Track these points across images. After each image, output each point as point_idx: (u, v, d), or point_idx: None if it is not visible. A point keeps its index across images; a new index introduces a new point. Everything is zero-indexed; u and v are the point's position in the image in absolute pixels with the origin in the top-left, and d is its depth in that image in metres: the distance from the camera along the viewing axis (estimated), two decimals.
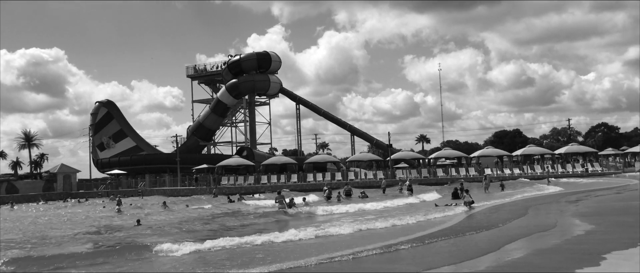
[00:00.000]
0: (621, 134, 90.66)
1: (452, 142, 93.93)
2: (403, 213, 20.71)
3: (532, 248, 10.85)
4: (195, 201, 36.63)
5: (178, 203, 35.53)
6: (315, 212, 23.45)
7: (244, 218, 22.16)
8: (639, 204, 17.15)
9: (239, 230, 17.44)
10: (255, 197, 38.09)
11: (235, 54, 68.76)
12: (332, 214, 22.30)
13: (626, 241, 10.21)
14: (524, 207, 20.85)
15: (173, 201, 36.73)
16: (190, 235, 16.10)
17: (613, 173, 46.25)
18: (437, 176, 48.39)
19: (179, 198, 41.87)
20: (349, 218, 19.78)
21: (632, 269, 7.93)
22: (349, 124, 70.47)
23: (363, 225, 16.37)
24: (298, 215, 22.74)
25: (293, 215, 22.94)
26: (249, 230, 17.47)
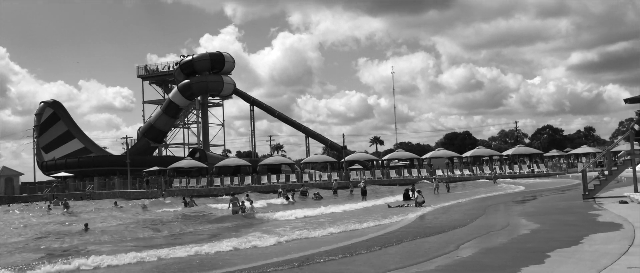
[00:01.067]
0: (565, 136, 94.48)
1: (405, 144, 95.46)
2: (357, 217, 20.83)
3: (480, 247, 11.08)
4: (158, 204, 35.46)
5: (135, 206, 34.58)
6: (271, 217, 22.98)
7: (198, 222, 21.51)
8: (580, 203, 17.82)
9: (190, 236, 16.91)
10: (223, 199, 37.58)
11: (187, 55, 67.71)
12: (287, 219, 21.12)
13: (569, 239, 10.56)
14: (473, 207, 21.35)
15: (134, 204, 35.70)
16: (136, 243, 15.43)
17: (557, 174, 48.11)
18: (390, 178, 49.07)
19: (136, 201, 40.67)
20: (301, 222, 19.56)
21: (574, 266, 8.20)
22: (303, 126, 70.56)
23: (317, 231, 15.96)
24: (261, 219, 22.10)
25: (249, 217, 22.59)
26: (192, 237, 16.60)
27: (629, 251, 8.78)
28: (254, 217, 22.34)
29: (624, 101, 20.98)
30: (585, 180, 19.38)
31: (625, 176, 23.32)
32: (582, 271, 7.77)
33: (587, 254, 8.99)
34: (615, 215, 13.75)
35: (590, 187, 19.08)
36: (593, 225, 12.43)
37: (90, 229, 20.16)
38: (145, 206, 33.25)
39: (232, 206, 23.51)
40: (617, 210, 14.67)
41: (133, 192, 49.52)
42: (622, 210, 14.57)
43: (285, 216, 21.73)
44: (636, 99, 20.65)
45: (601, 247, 9.50)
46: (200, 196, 40.87)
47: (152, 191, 47.65)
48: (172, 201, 36.75)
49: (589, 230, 11.58)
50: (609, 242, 9.86)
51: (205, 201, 34.51)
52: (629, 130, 19.47)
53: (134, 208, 32.82)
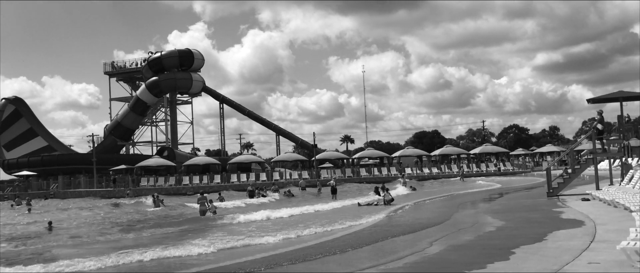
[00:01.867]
0: (530, 136, 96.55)
1: (375, 142, 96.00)
2: (326, 217, 20.87)
3: (448, 244, 11.22)
4: (136, 205, 34.46)
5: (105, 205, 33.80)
6: (235, 219, 22.33)
7: (149, 226, 20.14)
8: (545, 201, 18.23)
9: (128, 241, 15.55)
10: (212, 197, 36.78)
11: (155, 51, 66.65)
12: (252, 220, 19.79)
13: (533, 236, 10.78)
14: (440, 205, 21.65)
15: (115, 203, 34.80)
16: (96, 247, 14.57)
17: (523, 172, 49.17)
18: (360, 176, 49.32)
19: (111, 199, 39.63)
20: (271, 223, 19.03)
21: (537, 262, 8.37)
22: (274, 124, 70.29)
23: (291, 232, 15.13)
24: (227, 221, 21.39)
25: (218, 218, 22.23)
26: (127, 242, 15.30)
27: (590, 247, 9.02)
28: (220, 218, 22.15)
29: (586, 101, 21.56)
30: (550, 178, 19.86)
31: (587, 174, 24.00)
32: (546, 267, 7.93)
33: (550, 250, 9.20)
34: (577, 212, 14.11)
35: (554, 185, 19.56)
36: (557, 222, 12.74)
37: (55, 228, 19.64)
38: (117, 205, 32.72)
39: (200, 206, 23.11)
40: (580, 207, 15.06)
41: (99, 191, 48.52)
42: (585, 207, 14.97)
43: (250, 218, 19.93)
44: (598, 99, 21.24)
45: (564, 243, 9.72)
46: (169, 195, 40.32)
47: (119, 190, 46.77)
48: (136, 201, 35.94)
49: (552, 226, 11.85)
50: (571, 239, 10.10)
51: (184, 200, 33.63)
52: (592, 130, 20.00)
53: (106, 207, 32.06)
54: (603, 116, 19.64)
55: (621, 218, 11.64)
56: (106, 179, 51.53)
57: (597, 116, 19.88)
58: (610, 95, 20.74)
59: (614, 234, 9.73)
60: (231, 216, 20.60)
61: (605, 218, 12.17)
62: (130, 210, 29.33)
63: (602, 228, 10.90)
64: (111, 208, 31.03)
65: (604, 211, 13.61)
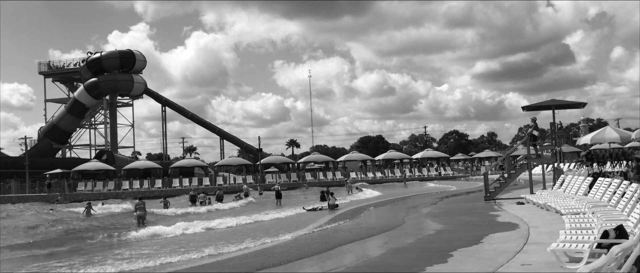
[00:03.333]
0: (470, 141, 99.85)
1: (320, 147, 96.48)
2: (263, 229, 20.72)
3: (389, 247, 11.36)
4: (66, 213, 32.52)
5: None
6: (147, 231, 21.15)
7: (72, 238, 18.21)
8: (482, 205, 18.83)
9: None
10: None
11: (95, 52, 64.40)
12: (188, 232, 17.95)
13: (470, 239, 11.08)
14: (383, 209, 21.94)
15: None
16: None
17: (462, 177, 50.69)
18: (306, 180, 49.40)
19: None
20: (199, 237, 16.99)
21: (474, 264, 8.60)
22: (218, 127, 69.37)
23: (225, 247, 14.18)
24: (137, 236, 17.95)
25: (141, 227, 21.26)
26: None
27: (524, 249, 9.36)
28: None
29: (521, 109, 22.48)
30: (487, 182, 20.53)
31: (522, 178, 25.00)
32: (481, 269, 8.16)
33: (486, 253, 9.47)
34: (513, 215, 14.64)
35: (491, 189, 20.23)
36: (493, 225, 13.15)
37: None
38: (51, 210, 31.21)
39: (138, 212, 22.25)
40: (515, 210, 15.63)
41: (32, 196, 46.23)
42: (519, 210, 15.55)
43: (170, 232, 17.48)
44: (532, 106, 22.17)
45: (499, 245, 10.04)
46: (107, 199, 38.92)
47: (54, 195, 44.75)
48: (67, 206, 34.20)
49: (489, 230, 12.22)
50: (506, 241, 10.45)
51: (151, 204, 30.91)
52: (526, 136, 20.85)
53: (31, 214, 30.44)
54: (537, 123, 20.52)
55: (553, 221, 12.15)
56: (40, 184, 49.16)
57: (531, 123, 20.74)
58: (543, 103, 21.68)
59: (546, 236, 10.13)
60: (153, 231, 17.78)
61: (538, 221, 12.68)
62: (54, 217, 27.58)
63: (535, 230, 11.34)
64: (33, 214, 29.52)
65: (537, 214, 14.17)
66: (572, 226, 9.06)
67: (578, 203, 12.57)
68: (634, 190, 9.89)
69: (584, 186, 14.60)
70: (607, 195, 12.12)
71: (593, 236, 7.69)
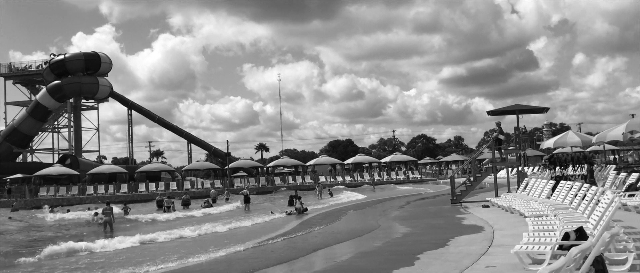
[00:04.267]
0: (437, 145, 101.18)
1: (290, 151, 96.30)
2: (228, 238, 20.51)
3: (357, 251, 11.40)
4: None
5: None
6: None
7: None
8: (449, 208, 19.07)
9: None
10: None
11: (58, 53, 62.79)
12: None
13: (437, 241, 11.21)
14: (352, 213, 22.00)
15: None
16: None
17: (430, 180, 51.31)
18: (274, 185, 49.19)
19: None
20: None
21: (440, 266, 8.70)
22: (185, 131, 68.45)
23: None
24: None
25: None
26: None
27: (488, 251, 9.50)
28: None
29: (487, 113, 22.86)
30: (453, 185, 20.83)
31: (488, 182, 25.44)
32: (447, 271, 8.25)
33: (452, 255, 9.59)
34: (478, 218, 14.87)
35: (457, 192, 20.53)
36: (459, 228, 13.32)
37: None
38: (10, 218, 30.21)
39: (104, 217, 21.78)
40: (480, 213, 15.89)
41: None
42: (484, 213, 15.81)
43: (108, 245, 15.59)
44: (497, 111, 22.61)
45: (465, 248, 10.18)
46: (71, 205, 37.92)
47: (15, 200, 43.39)
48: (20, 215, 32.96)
49: (455, 232, 12.38)
50: (471, 244, 10.60)
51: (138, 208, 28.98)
52: (491, 140, 21.24)
53: None
54: (501, 128, 20.92)
55: (516, 224, 12.38)
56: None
57: (496, 128, 21.15)
58: (507, 108, 22.13)
59: (510, 238, 10.31)
60: (83, 245, 15.69)
61: (503, 224, 12.91)
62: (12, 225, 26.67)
63: (500, 233, 11.54)
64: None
65: (501, 217, 14.43)
66: (535, 229, 9.24)
67: (541, 206, 12.84)
68: (593, 193, 10.16)
69: (547, 189, 14.93)
70: (568, 198, 12.43)
71: (555, 238, 7.86)
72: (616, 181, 18.12)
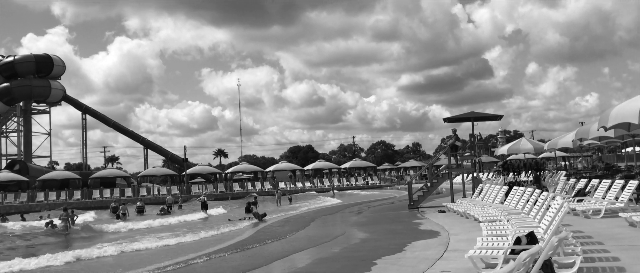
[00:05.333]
0: (396, 151, 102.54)
1: (249, 156, 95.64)
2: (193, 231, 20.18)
3: (315, 257, 11.36)
4: None
5: None
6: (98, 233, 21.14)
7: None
8: (406, 213, 19.28)
9: None
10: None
11: (7, 55, 60.55)
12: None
13: (394, 246, 11.29)
14: (311, 219, 21.96)
15: None
16: None
17: (388, 186, 51.85)
18: (233, 191, 48.66)
19: None
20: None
21: (397, 272, 8.76)
22: (142, 136, 67.14)
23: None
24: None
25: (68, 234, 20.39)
26: None
27: (444, 256, 9.63)
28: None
29: (443, 120, 23.28)
30: (411, 191, 21.07)
31: (445, 187, 25.88)
32: None
33: (408, 260, 9.68)
34: (434, 223, 15.07)
35: (415, 198, 20.78)
36: (415, 233, 13.47)
37: None
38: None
39: (61, 222, 21.43)
40: (437, 219, 16.11)
41: None
42: (441, 218, 16.05)
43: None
44: (453, 118, 23.05)
45: (421, 253, 10.28)
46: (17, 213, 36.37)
47: None
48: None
49: (412, 237, 12.51)
50: (427, 248, 10.72)
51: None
52: (448, 146, 21.61)
53: None
54: (457, 135, 21.34)
55: (471, 228, 12.61)
56: None
57: (452, 134, 21.55)
58: (463, 115, 22.59)
59: (464, 243, 10.48)
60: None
61: (458, 229, 13.12)
62: None
63: (455, 238, 11.72)
64: None
65: (457, 222, 14.68)
66: (489, 233, 9.43)
67: (495, 211, 13.13)
68: (544, 198, 10.45)
69: (501, 195, 15.29)
70: (521, 203, 12.75)
71: (507, 242, 8.03)
72: (566, 187, 18.72)
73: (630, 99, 13.50)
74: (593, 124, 18.89)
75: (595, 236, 9.83)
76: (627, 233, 10.01)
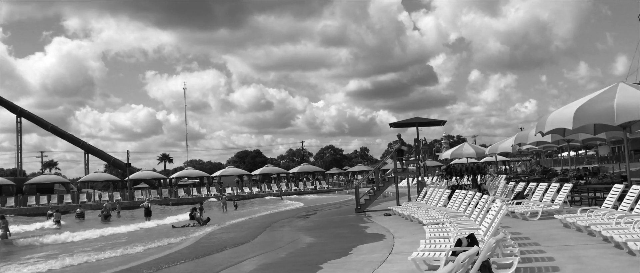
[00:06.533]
0: (344, 156, 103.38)
1: (195, 161, 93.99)
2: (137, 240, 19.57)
3: (261, 262, 11.22)
4: None
5: None
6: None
7: None
8: (353, 217, 19.40)
9: None
10: None
11: None
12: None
13: (340, 250, 11.31)
14: (258, 224, 21.73)
15: None
16: None
17: (336, 190, 52.14)
18: (178, 196, 47.64)
19: None
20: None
21: None
22: (82, 141, 64.69)
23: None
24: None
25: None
26: None
27: (389, 259, 9.71)
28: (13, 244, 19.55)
29: (389, 125, 23.63)
30: (358, 195, 21.24)
31: (391, 191, 26.25)
32: None
33: (354, 264, 9.70)
34: (380, 226, 15.22)
35: (362, 202, 20.95)
36: (361, 237, 13.55)
37: None
38: None
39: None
40: (382, 222, 16.28)
41: None
42: (386, 222, 16.23)
43: None
44: (398, 123, 23.43)
45: (366, 256, 10.34)
46: None
47: None
48: None
49: (358, 241, 12.57)
50: (373, 252, 10.79)
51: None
52: (394, 151, 21.95)
53: None
54: (402, 139, 21.70)
55: (415, 231, 12.80)
56: None
57: (397, 139, 21.90)
58: (408, 120, 22.99)
59: (409, 246, 10.62)
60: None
61: (403, 232, 13.30)
62: None
63: (400, 240, 11.86)
64: None
65: (402, 225, 14.88)
66: (432, 236, 9.59)
67: (438, 214, 13.39)
68: (485, 201, 10.74)
69: (444, 198, 15.63)
70: (463, 206, 13.07)
71: (449, 244, 8.19)
72: (506, 190, 19.37)
73: (565, 105, 14.13)
74: (531, 130, 19.67)
75: (532, 238, 10.17)
76: (562, 234, 10.42)
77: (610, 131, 16.36)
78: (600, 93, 12.99)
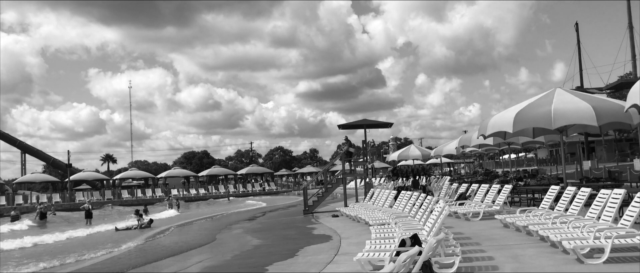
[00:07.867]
0: (293, 157, 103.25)
1: (140, 162, 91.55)
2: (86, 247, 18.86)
3: (204, 265, 11.03)
4: None
5: None
6: None
7: None
8: (301, 218, 19.39)
9: None
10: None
11: None
12: None
13: (287, 252, 11.26)
14: (204, 227, 21.42)
15: None
16: None
17: (285, 191, 52.04)
18: (122, 198, 46.27)
19: None
20: None
21: None
22: (19, 140, 61.77)
23: None
24: None
25: None
26: None
27: (335, 260, 9.74)
28: None
29: (338, 127, 23.81)
30: (306, 196, 21.24)
31: (339, 192, 26.42)
32: None
33: (300, 265, 9.67)
34: (327, 227, 15.27)
35: (310, 203, 20.97)
36: (309, 238, 13.55)
37: None
38: None
39: None
40: (330, 223, 16.33)
41: None
42: (334, 223, 16.29)
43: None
44: (347, 125, 23.64)
45: (313, 257, 10.33)
46: None
47: None
48: None
49: (305, 242, 12.56)
50: (319, 253, 10.80)
51: None
52: (342, 153, 22.10)
53: None
54: (350, 141, 21.90)
55: (362, 232, 12.90)
56: None
57: (345, 141, 22.07)
58: (356, 122, 23.23)
59: (355, 247, 10.68)
60: None
61: (350, 233, 13.37)
62: None
63: (346, 241, 11.93)
64: None
65: (349, 226, 14.97)
66: (377, 236, 9.68)
67: (384, 215, 13.56)
68: (429, 202, 10.96)
69: (390, 199, 15.84)
70: (408, 207, 13.28)
71: (394, 245, 8.29)
72: (450, 191, 19.85)
73: (506, 109, 14.63)
74: (474, 133, 20.27)
75: (473, 238, 10.45)
76: (502, 234, 10.76)
77: (548, 134, 17.09)
78: (538, 98, 13.53)
